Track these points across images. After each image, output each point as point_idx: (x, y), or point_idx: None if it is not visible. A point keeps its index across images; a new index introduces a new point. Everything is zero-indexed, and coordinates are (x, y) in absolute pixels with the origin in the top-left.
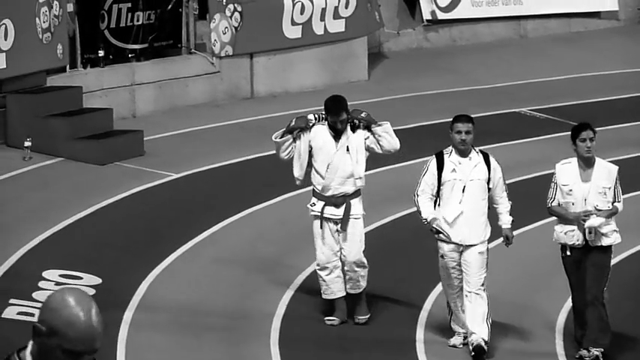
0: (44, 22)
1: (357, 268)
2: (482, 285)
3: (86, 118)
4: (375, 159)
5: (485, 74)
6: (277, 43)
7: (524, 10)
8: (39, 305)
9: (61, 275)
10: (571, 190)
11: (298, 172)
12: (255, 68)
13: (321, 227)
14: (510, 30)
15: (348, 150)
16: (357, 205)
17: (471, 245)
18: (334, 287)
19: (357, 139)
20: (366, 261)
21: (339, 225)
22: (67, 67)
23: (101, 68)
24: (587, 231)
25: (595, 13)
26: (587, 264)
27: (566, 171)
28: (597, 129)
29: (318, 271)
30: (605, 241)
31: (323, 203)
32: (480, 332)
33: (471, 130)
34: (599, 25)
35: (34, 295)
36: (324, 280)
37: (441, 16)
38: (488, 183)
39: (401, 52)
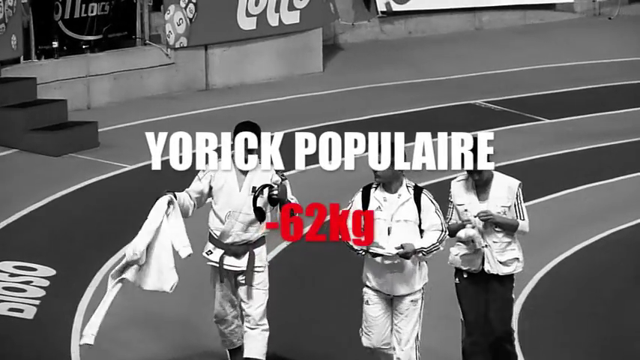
0: None
1: (262, 331)
2: (415, 342)
3: (41, 109)
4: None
5: (441, 66)
6: (232, 35)
7: (479, 1)
8: None
9: (15, 267)
10: (466, 210)
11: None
12: (211, 60)
13: (221, 281)
14: (466, 22)
15: (254, 191)
16: (261, 255)
17: (401, 296)
18: (233, 338)
19: (264, 179)
20: (267, 323)
21: (240, 277)
22: (22, 58)
23: (56, 59)
24: (463, 239)
25: (550, 5)
26: (488, 297)
27: (462, 189)
28: (554, 120)
29: (215, 324)
30: (502, 270)
31: (221, 252)
32: None
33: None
34: (555, 17)
35: None
36: (222, 333)
37: (395, 7)
38: (420, 225)
39: (356, 44)
